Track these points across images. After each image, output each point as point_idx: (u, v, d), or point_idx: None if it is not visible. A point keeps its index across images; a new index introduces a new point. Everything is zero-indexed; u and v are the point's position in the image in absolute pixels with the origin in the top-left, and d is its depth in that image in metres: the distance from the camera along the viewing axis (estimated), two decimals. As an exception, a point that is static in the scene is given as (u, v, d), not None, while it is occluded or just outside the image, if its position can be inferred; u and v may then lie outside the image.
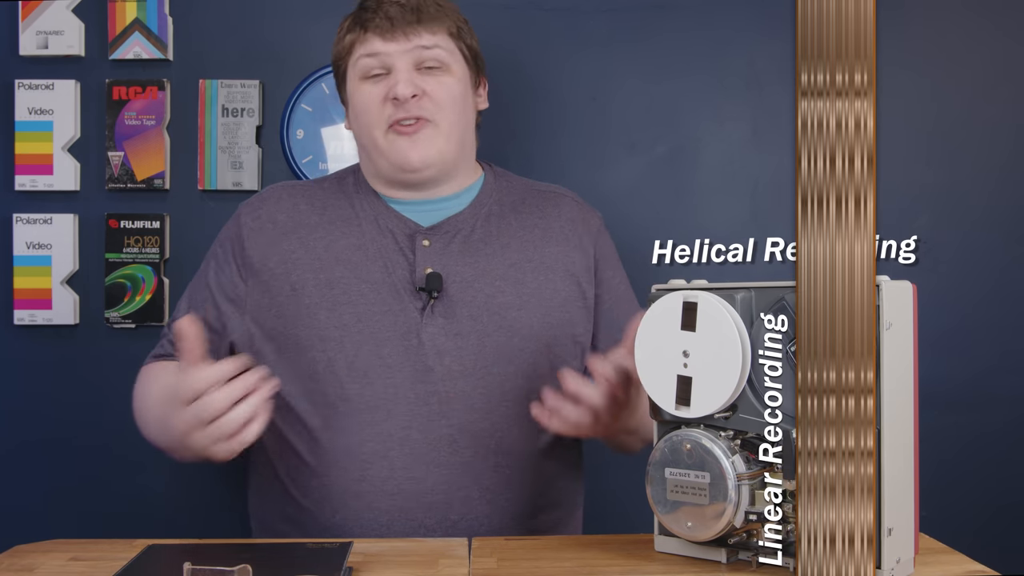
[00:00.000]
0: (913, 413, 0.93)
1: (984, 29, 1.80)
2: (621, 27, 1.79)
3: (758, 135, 1.79)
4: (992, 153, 1.79)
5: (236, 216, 1.38)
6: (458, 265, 1.32)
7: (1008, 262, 1.79)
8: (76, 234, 1.76)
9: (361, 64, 1.32)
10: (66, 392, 1.77)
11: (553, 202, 1.42)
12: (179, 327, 1.08)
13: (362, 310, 1.29)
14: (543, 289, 1.34)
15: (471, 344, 1.29)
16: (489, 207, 1.38)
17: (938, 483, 1.69)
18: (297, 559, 0.97)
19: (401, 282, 1.30)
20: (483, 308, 1.30)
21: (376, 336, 1.27)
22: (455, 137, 1.33)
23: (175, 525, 1.76)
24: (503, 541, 1.10)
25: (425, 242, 1.32)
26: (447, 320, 1.29)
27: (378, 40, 1.30)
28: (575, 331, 1.36)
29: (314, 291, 1.30)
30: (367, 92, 1.32)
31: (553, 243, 1.37)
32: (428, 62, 1.31)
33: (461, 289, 1.30)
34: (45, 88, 1.75)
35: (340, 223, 1.34)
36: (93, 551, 1.06)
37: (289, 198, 1.38)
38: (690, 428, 0.97)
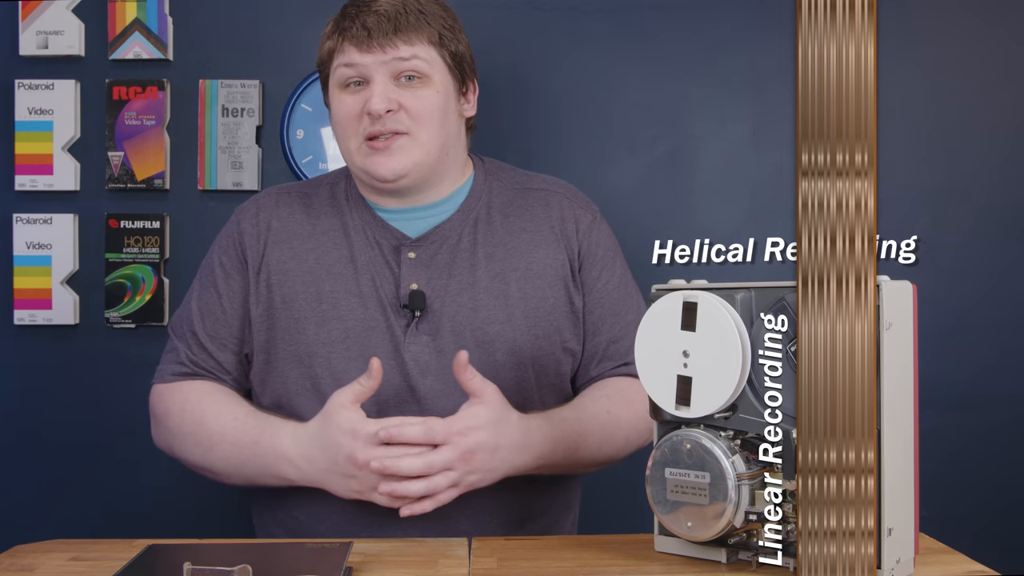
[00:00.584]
0: (913, 413, 0.93)
1: (984, 29, 1.80)
2: (621, 27, 1.79)
3: (758, 135, 1.79)
4: (992, 153, 1.79)
5: (235, 222, 1.36)
6: (443, 278, 1.30)
7: (1008, 262, 1.79)
8: (76, 234, 1.76)
9: (339, 73, 1.29)
10: (66, 392, 1.77)
11: (543, 201, 1.38)
12: (374, 367, 1.16)
13: (350, 325, 1.28)
14: (529, 299, 1.31)
15: (452, 361, 1.23)
16: (477, 212, 1.35)
17: (938, 483, 1.69)
18: (297, 559, 0.97)
19: (388, 297, 1.29)
20: (466, 324, 1.28)
21: (363, 354, 1.25)
22: (434, 148, 1.29)
23: (175, 525, 1.76)
24: (503, 541, 1.10)
25: (411, 254, 1.30)
26: (431, 337, 1.28)
27: (355, 51, 1.26)
28: (564, 338, 1.33)
29: (303, 304, 1.29)
30: (344, 103, 1.29)
31: (541, 247, 1.34)
32: (406, 73, 1.27)
33: (445, 303, 1.29)
34: (45, 88, 1.75)
35: (331, 233, 1.33)
36: (93, 551, 1.05)
37: (285, 205, 1.36)
38: (690, 428, 0.97)
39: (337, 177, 1.41)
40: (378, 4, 1.27)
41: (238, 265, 1.33)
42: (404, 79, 1.27)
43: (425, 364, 1.27)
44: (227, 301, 1.32)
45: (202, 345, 1.32)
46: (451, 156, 1.34)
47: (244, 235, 1.33)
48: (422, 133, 1.28)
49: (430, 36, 1.28)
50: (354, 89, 1.28)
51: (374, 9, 1.27)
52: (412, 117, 1.27)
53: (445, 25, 1.30)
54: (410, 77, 1.27)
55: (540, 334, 1.31)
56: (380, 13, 1.26)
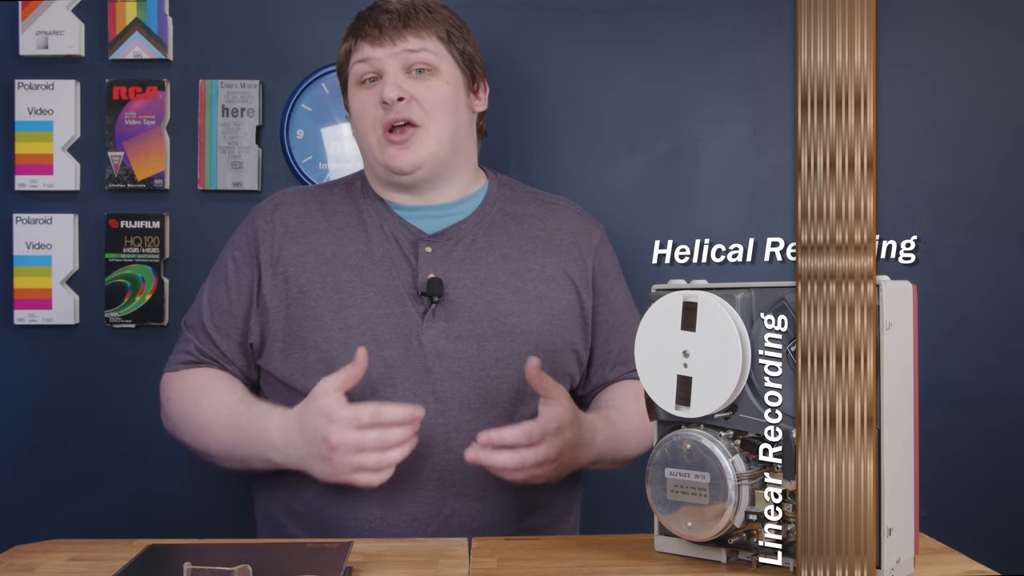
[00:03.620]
0: (913, 413, 0.93)
1: (984, 29, 1.80)
2: (621, 27, 1.79)
3: (758, 135, 1.79)
4: (992, 153, 1.79)
5: (251, 220, 1.41)
6: (459, 272, 1.34)
7: (1008, 262, 1.79)
8: (76, 234, 1.76)
9: (355, 70, 1.37)
10: (66, 392, 1.77)
11: (555, 214, 1.44)
12: (359, 356, 1.19)
13: (367, 312, 1.32)
14: (543, 297, 1.36)
15: (470, 347, 1.31)
16: (492, 217, 1.41)
17: (938, 483, 1.69)
18: (297, 559, 0.97)
19: (405, 286, 1.33)
20: (483, 313, 1.33)
21: (378, 338, 1.30)
22: (446, 139, 1.36)
23: (175, 525, 1.76)
24: (503, 541, 1.10)
25: (428, 249, 1.35)
26: (448, 324, 1.32)
27: (368, 46, 1.35)
28: (573, 339, 1.38)
29: (321, 294, 1.33)
30: (361, 98, 1.37)
31: (554, 253, 1.40)
32: (417, 65, 1.35)
33: (462, 295, 1.33)
34: (45, 88, 1.76)
35: (348, 229, 1.38)
36: (93, 551, 1.05)
37: (301, 203, 1.41)
38: (690, 428, 0.97)
39: (352, 178, 1.47)
40: (389, 4, 1.37)
41: (248, 260, 1.38)
42: (415, 72, 1.35)
43: (442, 348, 1.31)
44: (235, 293, 1.38)
45: (208, 335, 1.38)
46: (463, 152, 1.41)
47: (258, 231, 1.39)
48: (433, 124, 1.35)
49: (438, 32, 1.37)
50: (369, 85, 1.36)
51: (385, 8, 1.36)
52: (423, 107, 1.34)
53: (453, 24, 1.39)
54: (420, 70, 1.35)
55: (554, 331, 1.36)
56: (391, 11, 1.36)
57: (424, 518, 1.28)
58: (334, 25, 1.47)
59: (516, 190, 1.47)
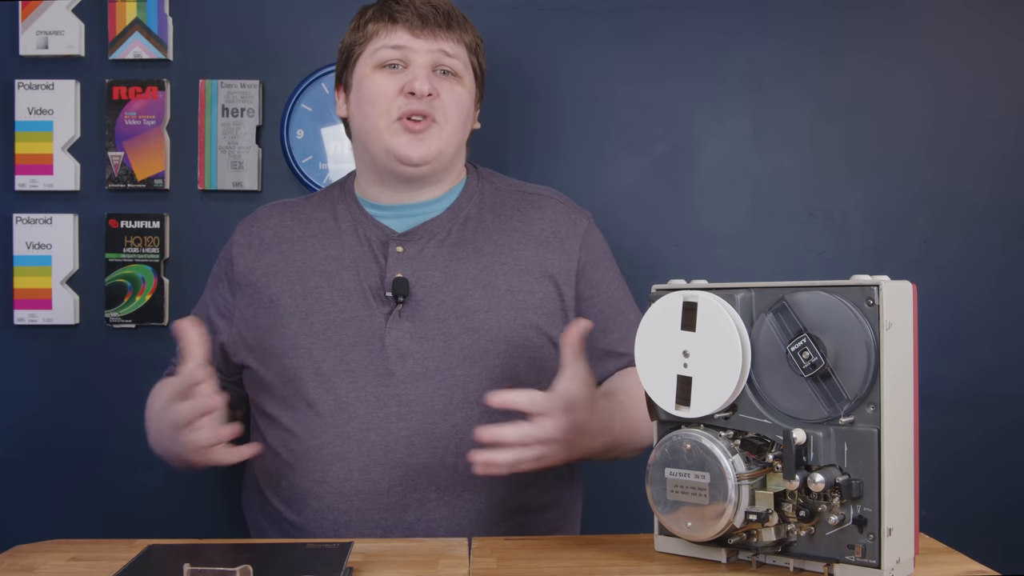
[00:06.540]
0: (913, 413, 0.93)
1: (984, 27, 1.80)
2: (621, 27, 1.79)
3: (758, 135, 1.79)
4: (992, 152, 1.79)
5: (233, 235, 1.44)
6: (429, 270, 1.33)
7: (1008, 262, 1.79)
8: (76, 234, 1.76)
9: (380, 54, 1.34)
10: (66, 392, 1.77)
11: (536, 204, 1.42)
12: (177, 326, 1.17)
13: (332, 317, 1.32)
14: (515, 291, 1.34)
15: (436, 346, 1.29)
16: (467, 211, 1.40)
17: (938, 483, 1.69)
18: (297, 559, 0.97)
19: (372, 288, 1.33)
20: (450, 311, 1.31)
21: (342, 343, 1.30)
22: (454, 142, 1.36)
23: (175, 525, 1.76)
24: (503, 541, 1.10)
25: (399, 248, 1.34)
26: (413, 324, 1.30)
27: (406, 34, 1.33)
28: (552, 333, 1.34)
29: (289, 302, 1.34)
30: (380, 82, 1.34)
31: (531, 246, 1.37)
32: (444, 67, 1.35)
33: (430, 293, 1.32)
34: (45, 88, 1.75)
35: (322, 235, 1.38)
36: (93, 551, 1.06)
37: (278, 215, 1.43)
38: (690, 428, 0.97)
39: (333, 185, 1.48)
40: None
41: (223, 275, 1.42)
42: (440, 72, 1.35)
43: (405, 349, 1.29)
44: (212, 308, 1.42)
45: None
46: (457, 158, 1.41)
47: (234, 246, 1.42)
48: (448, 125, 1.35)
49: (469, 42, 1.38)
50: (391, 71, 1.34)
51: (428, 0, 1.35)
52: (445, 107, 1.34)
53: (478, 39, 1.41)
54: (445, 72, 1.35)
55: (527, 324, 1.33)
56: (432, 5, 1.35)
57: (388, 524, 1.26)
58: (334, 25, 1.47)
59: (497, 183, 1.45)
